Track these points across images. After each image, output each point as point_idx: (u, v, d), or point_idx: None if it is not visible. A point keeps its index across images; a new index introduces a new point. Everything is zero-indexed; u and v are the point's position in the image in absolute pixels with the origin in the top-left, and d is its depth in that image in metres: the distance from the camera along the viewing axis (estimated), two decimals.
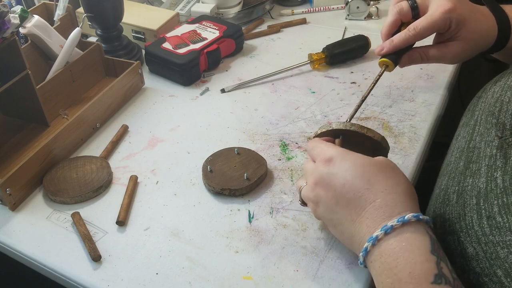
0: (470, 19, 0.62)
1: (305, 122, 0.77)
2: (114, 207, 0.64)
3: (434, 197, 0.50)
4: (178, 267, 0.57)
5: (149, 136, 0.77)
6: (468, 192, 0.44)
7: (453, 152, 0.51)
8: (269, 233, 0.60)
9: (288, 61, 0.90)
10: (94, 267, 0.57)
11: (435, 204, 0.48)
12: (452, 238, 0.44)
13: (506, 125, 0.46)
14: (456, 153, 0.49)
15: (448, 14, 0.60)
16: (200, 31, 0.92)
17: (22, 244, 0.61)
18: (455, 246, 0.44)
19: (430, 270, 0.41)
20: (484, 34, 0.64)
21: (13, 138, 0.76)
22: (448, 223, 0.45)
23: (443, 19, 0.60)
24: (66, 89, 0.82)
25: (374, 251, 0.44)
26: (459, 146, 0.50)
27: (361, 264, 0.47)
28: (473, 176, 0.45)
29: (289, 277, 0.55)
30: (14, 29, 0.67)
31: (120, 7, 0.88)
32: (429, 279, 0.41)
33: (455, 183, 0.46)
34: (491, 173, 0.44)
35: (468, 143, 0.48)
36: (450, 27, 0.62)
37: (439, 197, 0.48)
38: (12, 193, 0.64)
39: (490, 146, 0.46)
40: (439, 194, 0.48)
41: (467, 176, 0.45)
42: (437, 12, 0.61)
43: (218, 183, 0.65)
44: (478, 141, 0.47)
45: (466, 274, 0.43)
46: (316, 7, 1.09)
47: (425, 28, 0.61)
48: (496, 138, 0.46)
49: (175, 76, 0.88)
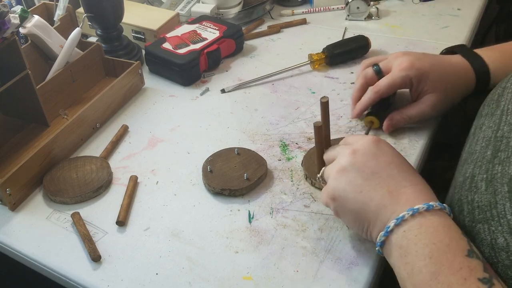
0: (431, 71, 0.68)
1: (305, 122, 0.77)
2: (114, 207, 0.64)
3: (457, 184, 0.50)
4: (178, 267, 0.57)
5: (149, 136, 0.77)
6: (499, 180, 0.44)
7: (478, 141, 0.51)
8: (269, 234, 0.60)
9: (288, 61, 0.90)
10: (94, 267, 0.57)
11: (460, 192, 0.49)
12: (482, 227, 0.45)
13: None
14: (482, 142, 0.50)
15: (405, 72, 0.68)
16: (200, 31, 0.92)
17: (22, 244, 0.61)
18: (485, 236, 0.44)
19: (464, 246, 0.44)
20: (453, 81, 0.69)
21: (13, 138, 0.76)
22: (478, 210, 0.45)
23: (401, 77, 0.68)
24: (66, 89, 0.82)
25: (413, 221, 0.46)
26: (485, 136, 0.50)
27: (385, 234, 0.48)
28: (502, 164, 0.45)
29: (289, 278, 0.55)
30: (14, 29, 0.67)
31: (120, 7, 0.88)
32: (464, 252, 0.44)
33: (482, 171, 0.47)
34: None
35: (495, 132, 0.49)
36: (412, 83, 0.69)
37: (464, 185, 0.48)
38: (12, 193, 0.64)
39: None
40: (464, 182, 0.49)
41: (496, 164, 0.46)
42: (395, 71, 0.69)
43: (218, 183, 0.65)
44: (506, 130, 0.47)
45: (494, 266, 0.44)
46: (316, 8, 1.09)
47: (385, 85, 0.69)
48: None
49: (175, 76, 0.88)
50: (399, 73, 0.68)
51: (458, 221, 0.48)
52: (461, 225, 0.47)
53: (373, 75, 0.72)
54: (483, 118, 0.54)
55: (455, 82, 0.69)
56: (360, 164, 0.51)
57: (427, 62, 0.69)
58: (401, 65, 0.68)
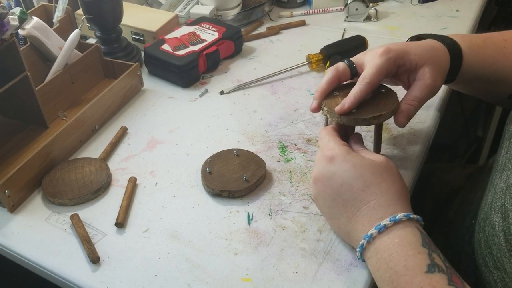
0: (408, 48, 0.62)
1: (304, 123, 0.77)
2: (113, 209, 0.64)
3: (498, 191, 0.49)
4: (177, 269, 0.57)
5: (148, 138, 0.77)
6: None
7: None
8: (268, 235, 0.60)
9: (287, 62, 0.90)
10: (93, 269, 0.57)
11: (503, 198, 0.48)
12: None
13: None
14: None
15: (385, 55, 0.60)
16: (199, 32, 0.92)
17: (21, 246, 0.61)
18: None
19: (422, 261, 0.45)
20: (432, 54, 0.63)
21: (12, 140, 0.76)
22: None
23: (384, 60, 0.60)
24: (65, 90, 0.82)
25: (370, 248, 0.49)
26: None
27: (360, 258, 0.51)
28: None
29: (288, 279, 0.55)
30: (13, 30, 0.67)
31: (119, 8, 0.88)
32: (423, 269, 0.44)
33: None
34: None
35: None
36: (398, 65, 0.62)
37: (508, 191, 0.47)
38: (11, 194, 0.64)
39: None
40: (508, 188, 0.47)
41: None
42: (375, 59, 0.61)
43: (217, 185, 0.65)
44: None
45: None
46: (315, 9, 1.09)
47: (373, 73, 0.60)
48: None
49: (174, 78, 0.88)
50: (380, 58, 0.61)
51: (502, 226, 0.46)
52: (506, 230, 0.46)
53: (346, 68, 0.63)
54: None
55: (434, 54, 0.63)
56: (322, 193, 0.54)
57: (400, 44, 0.63)
58: (377, 52, 0.61)
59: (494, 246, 0.47)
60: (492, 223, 0.48)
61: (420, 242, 0.46)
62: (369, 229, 0.49)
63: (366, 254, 0.50)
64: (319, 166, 0.55)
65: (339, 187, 0.52)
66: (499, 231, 0.46)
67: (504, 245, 0.45)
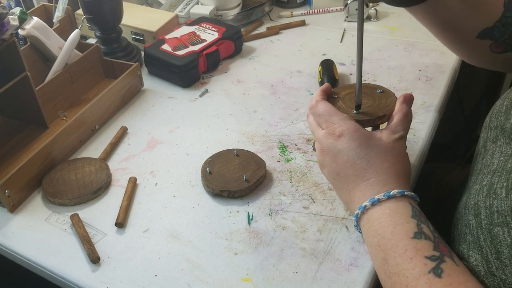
0: None
1: (304, 123, 0.77)
2: (113, 209, 0.64)
3: (472, 191, 0.52)
4: (177, 269, 0.57)
5: (148, 138, 0.77)
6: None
7: (494, 155, 0.53)
8: (268, 235, 0.60)
9: (287, 62, 0.90)
10: (93, 269, 0.57)
11: (476, 198, 0.50)
12: (502, 230, 0.46)
13: None
14: (501, 157, 0.52)
15: None
16: (199, 32, 0.92)
17: (21, 246, 0.61)
18: (504, 238, 0.45)
19: (410, 229, 0.48)
20: None
21: (12, 140, 0.76)
22: (497, 215, 0.47)
23: None
24: (65, 90, 0.82)
25: (363, 217, 0.53)
26: (503, 151, 0.52)
27: (356, 227, 0.55)
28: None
29: (288, 279, 0.55)
30: (13, 30, 0.67)
31: (119, 8, 0.88)
32: (410, 235, 0.48)
33: (502, 180, 0.48)
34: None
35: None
36: None
37: (481, 191, 0.50)
38: (11, 194, 0.64)
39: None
40: (482, 189, 0.50)
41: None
42: None
43: (217, 185, 0.65)
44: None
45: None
46: (315, 9, 1.09)
47: None
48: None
49: (174, 78, 0.88)
50: None
51: (474, 223, 0.49)
52: (477, 226, 0.48)
53: None
54: (493, 131, 0.54)
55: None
56: (328, 165, 0.57)
57: None
58: None
59: (465, 244, 0.49)
60: (470, 219, 0.49)
61: (410, 214, 0.49)
62: (364, 201, 0.52)
63: (360, 223, 0.54)
64: (327, 142, 0.56)
65: (344, 163, 0.55)
66: (473, 229, 0.48)
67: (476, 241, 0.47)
